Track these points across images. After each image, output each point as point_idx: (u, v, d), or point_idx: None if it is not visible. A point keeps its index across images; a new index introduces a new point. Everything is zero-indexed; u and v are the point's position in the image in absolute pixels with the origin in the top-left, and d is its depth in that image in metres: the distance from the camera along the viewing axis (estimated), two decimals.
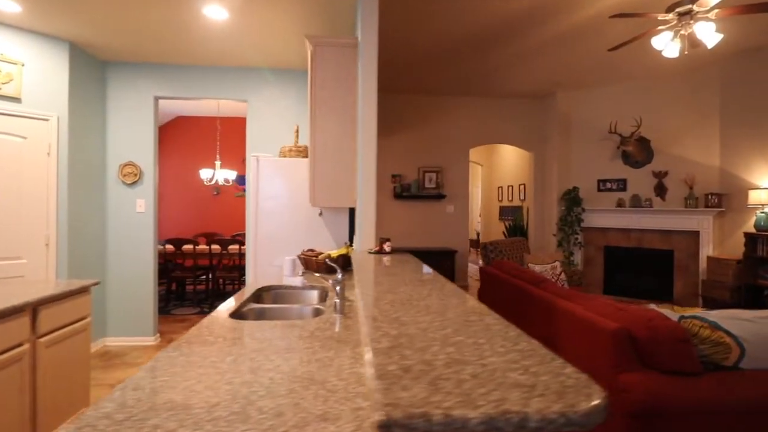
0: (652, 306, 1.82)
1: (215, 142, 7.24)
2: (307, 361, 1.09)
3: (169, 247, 5.29)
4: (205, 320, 1.57)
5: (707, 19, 2.98)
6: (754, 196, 4.77)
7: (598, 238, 6.41)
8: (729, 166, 5.32)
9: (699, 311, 1.76)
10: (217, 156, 6.01)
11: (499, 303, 3.00)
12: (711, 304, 5.15)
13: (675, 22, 3.12)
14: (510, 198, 8.72)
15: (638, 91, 6.04)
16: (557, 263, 3.33)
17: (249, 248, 3.07)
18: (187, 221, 7.37)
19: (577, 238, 6.43)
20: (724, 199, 5.34)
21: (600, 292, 6.33)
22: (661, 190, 5.88)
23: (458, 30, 4.35)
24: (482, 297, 3.38)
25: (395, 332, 0.91)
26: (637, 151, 5.93)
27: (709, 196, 5.36)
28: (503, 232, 8.12)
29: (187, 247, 5.28)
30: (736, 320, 1.69)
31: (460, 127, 6.98)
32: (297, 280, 1.91)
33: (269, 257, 3.09)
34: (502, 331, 0.92)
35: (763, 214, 4.70)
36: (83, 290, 2.33)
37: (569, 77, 5.95)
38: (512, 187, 8.60)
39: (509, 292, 2.74)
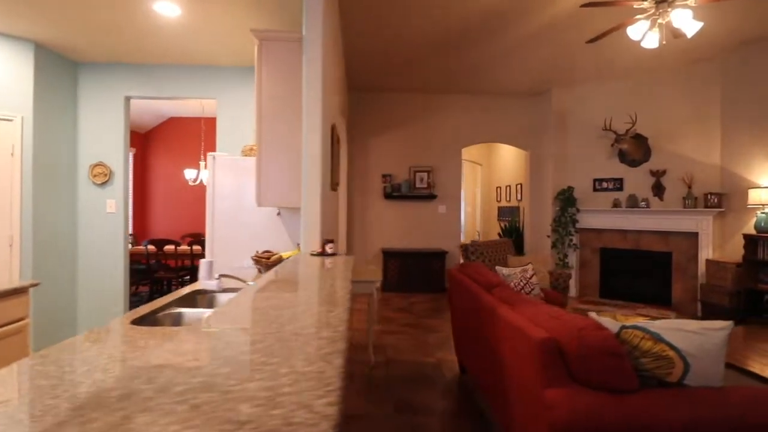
0: (593, 315, 1.66)
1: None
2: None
3: (151, 247, 5.27)
4: (103, 327, 1.48)
5: (685, 6, 2.79)
6: (754, 196, 4.51)
7: (593, 239, 6.18)
8: (729, 165, 5.05)
9: (642, 321, 1.60)
10: (201, 156, 5.98)
11: (458, 308, 2.86)
12: (710, 309, 4.89)
13: (652, 10, 2.93)
14: (508, 198, 8.51)
15: (636, 87, 5.80)
16: (529, 266, 3.16)
17: (207, 249, 3.00)
18: (176, 222, 7.39)
19: (571, 240, 6.21)
20: (724, 198, 5.07)
21: (596, 296, 6.10)
22: (658, 190, 5.62)
23: (440, 24, 4.22)
24: (450, 301, 3.24)
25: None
26: (633, 149, 5.69)
27: (709, 196, 5.10)
28: (498, 234, 7.93)
29: (169, 247, 5.26)
30: (680, 332, 1.52)
31: (452, 125, 6.83)
32: (213, 284, 1.82)
33: (228, 259, 3.01)
34: (300, 348, 0.79)
35: (763, 215, 4.44)
36: (18, 291, 2.28)
37: (563, 73, 5.75)
38: (510, 187, 8.39)
39: (466, 297, 2.59)
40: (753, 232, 4.55)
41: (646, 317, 4.94)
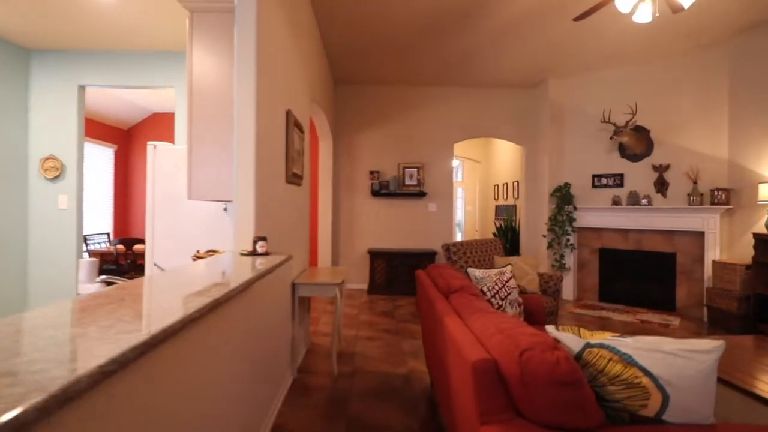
0: (551, 329, 1.33)
1: None
2: None
3: (120, 247, 5.03)
4: None
5: None
6: (765, 191, 4.11)
7: (592, 239, 5.80)
8: (738, 158, 4.65)
9: (609, 336, 1.27)
10: None
11: (423, 315, 2.54)
12: (717, 314, 4.50)
13: None
14: (505, 197, 8.15)
15: (636, 76, 5.41)
16: (507, 267, 2.83)
17: (147, 248, 2.72)
18: None
19: (568, 240, 5.84)
20: (733, 195, 4.67)
21: (595, 300, 5.72)
22: (661, 186, 5.23)
23: (425, 6, 3.90)
24: (418, 306, 2.92)
25: None
26: (634, 142, 5.31)
27: (716, 192, 4.70)
28: (493, 233, 7.57)
29: (140, 246, 5.00)
30: (657, 353, 1.18)
31: (443, 120, 6.50)
32: (93, 288, 1.53)
33: (170, 258, 2.73)
34: None
35: None
36: None
37: (559, 62, 5.39)
38: (507, 185, 8.03)
39: (425, 303, 2.28)
40: (764, 231, 4.15)
41: (647, 323, 4.56)
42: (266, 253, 1.97)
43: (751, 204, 4.45)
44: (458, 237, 10.70)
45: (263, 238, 1.96)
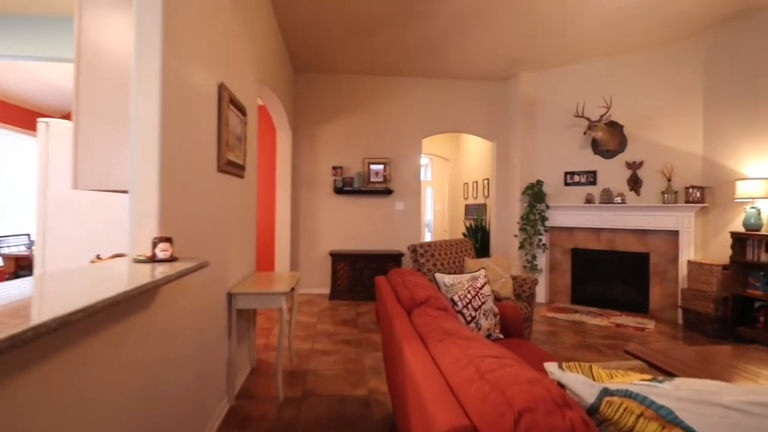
0: (552, 369, 0.93)
1: None
2: None
3: None
4: None
5: None
6: (742, 188, 3.95)
7: (564, 239, 5.57)
8: (713, 155, 4.50)
9: (638, 380, 0.87)
10: None
11: (382, 331, 2.11)
12: (693, 317, 4.32)
13: None
14: (475, 195, 7.87)
15: (611, 70, 5.21)
16: (481, 272, 2.45)
17: (36, 251, 2.15)
18: None
19: (540, 240, 5.58)
20: (708, 192, 4.52)
21: (567, 302, 5.48)
22: (635, 184, 5.05)
23: None
24: (377, 318, 2.49)
25: None
26: (608, 137, 5.10)
27: (690, 190, 4.54)
28: (463, 233, 7.26)
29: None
30: (712, 407, 0.81)
31: (411, 113, 6.11)
32: None
33: (67, 263, 2.18)
34: None
35: (753, 210, 3.88)
36: None
37: (531, 55, 5.11)
38: (477, 183, 7.75)
39: (384, 318, 1.85)
40: (741, 229, 3.99)
41: (622, 327, 4.33)
42: (171, 259, 1.49)
43: (727, 202, 4.30)
44: (427, 237, 10.38)
45: (166, 239, 1.48)
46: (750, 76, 4.11)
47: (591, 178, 5.35)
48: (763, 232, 3.81)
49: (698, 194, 4.49)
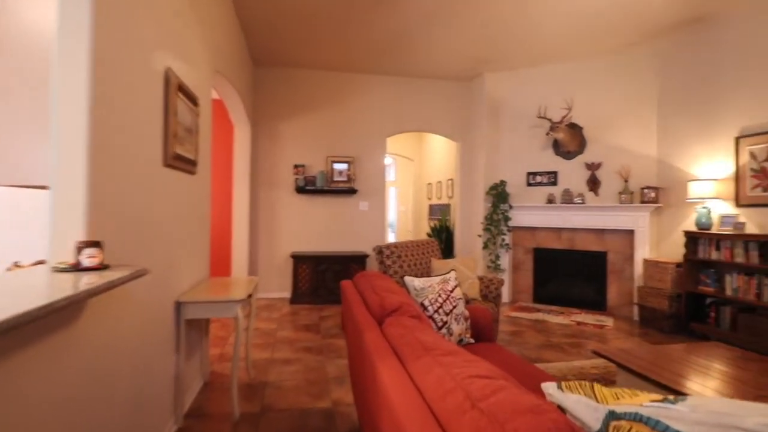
0: (551, 390, 0.82)
1: None
2: None
3: None
4: None
5: None
6: (694, 189, 4.11)
7: (526, 239, 5.63)
8: (666, 157, 4.68)
9: (648, 401, 0.77)
10: None
11: (349, 341, 1.96)
12: (649, 314, 4.46)
13: None
14: (439, 195, 7.85)
15: (572, 73, 5.31)
16: (451, 273, 2.34)
17: None
18: None
19: (504, 240, 5.61)
20: (662, 193, 4.69)
21: (530, 302, 5.54)
22: (594, 184, 5.17)
23: None
24: (343, 325, 2.33)
25: None
26: (569, 139, 5.19)
27: (646, 190, 4.69)
28: (428, 234, 7.22)
29: None
30: (732, 431, 0.72)
31: (376, 111, 5.98)
32: None
33: None
34: None
35: (704, 210, 4.04)
36: None
37: (495, 55, 5.11)
38: (441, 183, 7.74)
39: (351, 327, 1.70)
40: (694, 228, 4.15)
41: (583, 325, 4.40)
42: (100, 267, 1.26)
43: (679, 202, 4.47)
44: (391, 238, 10.29)
45: (94, 244, 1.25)
46: (700, 81, 4.29)
47: (552, 178, 5.44)
48: (713, 231, 3.98)
49: (653, 195, 4.65)
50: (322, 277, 5.36)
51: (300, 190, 5.64)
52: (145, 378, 1.87)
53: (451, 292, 2.22)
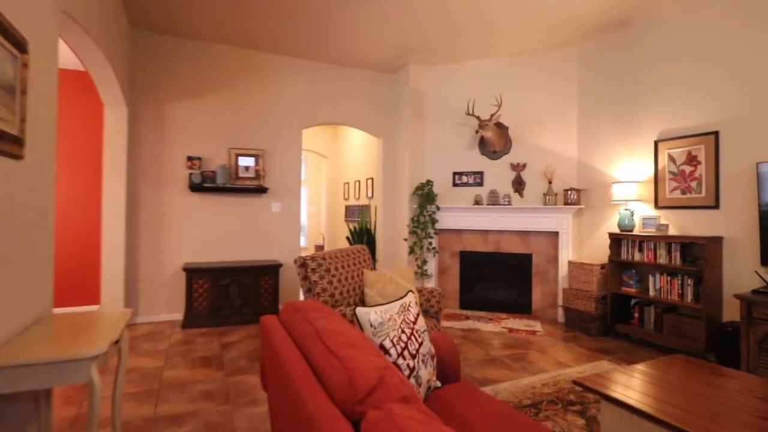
0: None
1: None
2: None
3: None
4: None
5: None
6: (617, 191, 4.14)
7: (453, 241, 5.36)
8: (586, 158, 4.72)
9: None
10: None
11: (277, 408, 1.29)
12: (575, 316, 4.42)
13: None
14: (357, 196, 7.31)
15: (499, 71, 5.16)
16: (409, 296, 1.80)
17: None
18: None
19: (431, 243, 5.26)
20: (583, 194, 4.73)
21: (457, 308, 5.27)
22: (519, 185, 5.07)
23: None
24: (263, 381, 1.64)
25: None
26: (496, 138, 5.02)
27: (569, 192, 4.68)
28: (347, 237, 6.63)
29: None
30: None
31: (290, 99, 5.21)
32: None
33: None
34: None
35: (627, 212, 4.09)
36: None
37: (423, 45, 4.71)
38: (359, 182, 7.21)
39: (288, 398, 1.04)
40: (616, 230, 4.19)
41: (515, 331, 4.19)
42: None
43: (600, 204, 4.52)
44: (302, 242, 9.47)
45: None
46: (617, 83, 4.37)
47: (478, 179, 5.24)
48: (635, 232, 4.04)
49: (575, 196, 4.66)
50: (224, 294, 4.44)
51: (195, 188, 4.63)
52: None
53: (414, 323, 1.67)
